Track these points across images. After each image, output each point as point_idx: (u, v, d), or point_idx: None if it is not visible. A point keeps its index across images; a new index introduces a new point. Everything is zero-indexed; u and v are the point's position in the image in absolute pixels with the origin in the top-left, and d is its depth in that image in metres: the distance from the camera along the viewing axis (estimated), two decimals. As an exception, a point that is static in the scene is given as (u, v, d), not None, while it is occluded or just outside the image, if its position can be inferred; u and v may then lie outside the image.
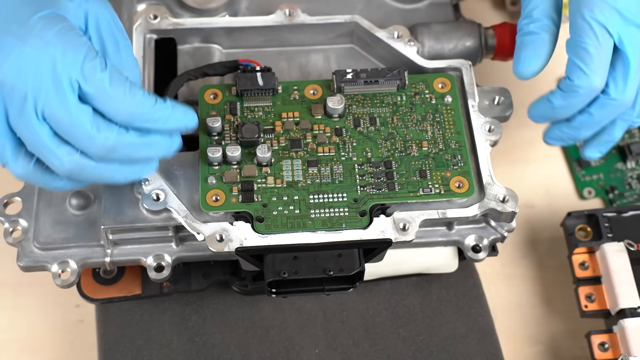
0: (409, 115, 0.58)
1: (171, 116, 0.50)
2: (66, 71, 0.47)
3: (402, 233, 0.54)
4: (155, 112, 0.49)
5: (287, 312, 0.62)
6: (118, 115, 0.49)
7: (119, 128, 0.49)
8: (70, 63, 0.47)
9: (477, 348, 0.61)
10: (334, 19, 0.62)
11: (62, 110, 0.47)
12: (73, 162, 0.49)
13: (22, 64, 0.47)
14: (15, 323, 0.64)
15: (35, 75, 0.47)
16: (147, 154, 0.51)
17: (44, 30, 0.48)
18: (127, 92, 0.48)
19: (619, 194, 0.68)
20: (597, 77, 0.53)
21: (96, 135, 0.48)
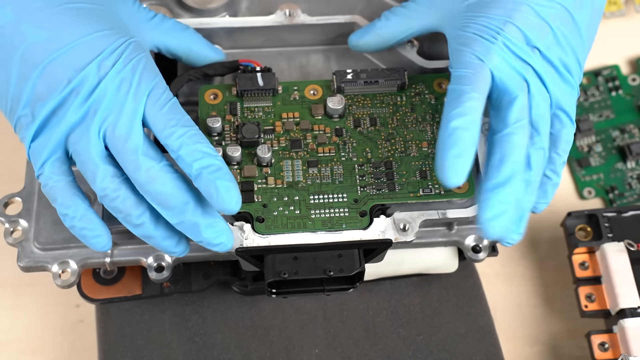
0: (409, 116, 0.58)
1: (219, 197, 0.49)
2: (136, 98, 0.50)
3: (402, 233, 0.54)
4: (201, 153, 0.50)
5: (287, 312, 0.62)
6: (170, 141, 0.50)
7: (165, 164, 0.50)
8: (142, 91, 0.50)
9: (477, 348, 0.61)
10: (334, 19, 0.62)
11: (124, 130, 0.50)
12: (113, 183, 0.50)
13: (103, 89, 0.50)
14: (16, 323, 0.64)
15: (112, 97, 0.50)
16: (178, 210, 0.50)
17: (129, 59, 0.51)
18: (180, 120, 0.50)
19: (619, 194, 0.68)
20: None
21: (143, 160, 0.49)
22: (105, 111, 0.50)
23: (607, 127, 0.70)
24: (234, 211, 0.49)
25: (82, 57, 0.50)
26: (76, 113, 0.50)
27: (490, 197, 0.50)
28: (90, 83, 0.50)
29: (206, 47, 0.59)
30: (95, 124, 0.50)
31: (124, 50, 0.51)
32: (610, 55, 0.73)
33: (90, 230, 0.52)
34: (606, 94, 0.71)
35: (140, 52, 0.52)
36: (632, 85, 0.72)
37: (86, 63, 0.50)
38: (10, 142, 0.66)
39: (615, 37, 0.74)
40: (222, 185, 0.49)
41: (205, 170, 0.49)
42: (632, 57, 0.73)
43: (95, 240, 0.52)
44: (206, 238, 0.50)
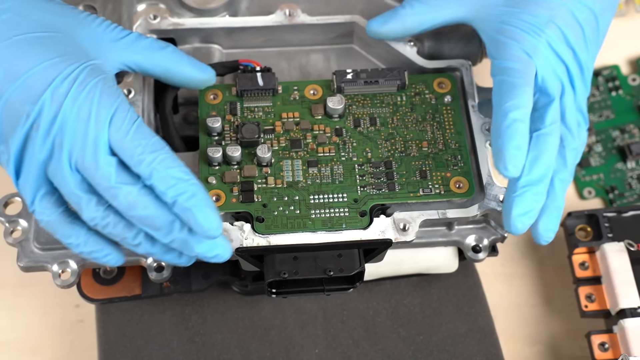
0: (409, 116, 0.58)
1: (196, 197, 0.48)
2: (98, 126, 0.49)
3: (402, 233, 0.54)
4: (174, 179, 0.48)
5: (287, 312, 0.62)
6: (141, 169, 0.48)
7: (142, 187, 0.49)
8: (102, 118, 0.49)
9: (477, 348, 0.61)
10: (334, 19, 0.62)
11: (91, 162, 0.48)
12: (99, 212, 0.49)
13: (62, 119, 0.49)
14: (15, 323, 0.64)
15: (73, 127, 0.49)
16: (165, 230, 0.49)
17: (84, 84, 0.49)
18: (147, 145, 0.49)
19: (619, 194, 0.68)
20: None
21: (118, 188, 0.48)
22: (70, 142, 0.49)
23: (607, 127, 0.70)
24: (216, 236, 0.49)
25: (36, 87, 0.49)
26: (42, 148, 0.49)
27: (523, 194, 0.51)
28: (48, 114, 0.49)
29: (188, 66, 0.56)
30: (64, 157, 0.49)
31: (78, 75, 0.49)
32: (610, 55, 0.73)
33: (98, 251, 0.52)
34: (606, 94, 0.71)
35: (97, 76, 0.50)
36: (632, 85, 0.72)
37: (40, 93, 0.49)
38: (10, 142, 0.66)
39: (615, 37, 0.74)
40: (199, 212, 0.48)
41: (180, 197, 0.48)
42: (632, 57, 0.73)
43: (106, 259, 0.52)
44: (200, 253, 0.50)
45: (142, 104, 0.58)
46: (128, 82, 0.59)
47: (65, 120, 0.49)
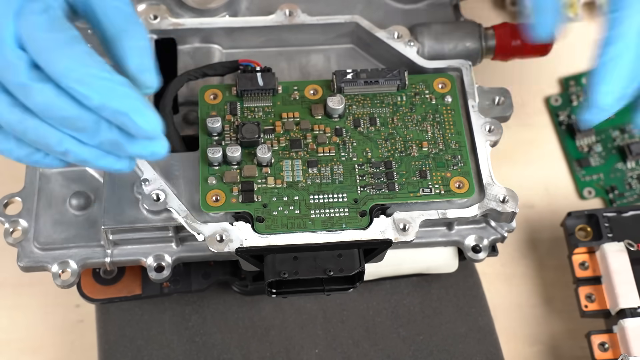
0: (409, 116, 0.58)
1: (120, 94, 0.42)
2: (4, 15, 0.42)
3: (402, 233, 0.54)
4: (97, 79, 0.42)
5: (287, 312, 0.62)
6: (53, 68, 0.42)
7: (57, 87, 0.42)
8: (8, 5, 0.43)
9: (477, 348, 0.61)
10: (334, 19, 0.62)
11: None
12: (13, 114, 0.43)
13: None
14: (16, 323, 0.64)
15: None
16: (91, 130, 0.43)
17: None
18: (64, 43, 0.42)
19: (619, 194, 0.68)
20: None
21: (31, 85, 0.42)
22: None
23: (607, 127, 0.70)
24: (160, 135, 0.44)
25: None
26: None
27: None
28: None
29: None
30: None
31: None
32: (610, 55, 0.73)
33: (32, 154, 0.46)
34: (606, 94, 0.71)
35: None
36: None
37: None
38: (10, 142, 0.66)
39: (615, 37, 0.74)
40: (137, 114, 0.42)
41: (110, 101, 0.42)
42: (632, 57, 0.73)
43: (45, 161, 0.47)
44: (134, 153, 0.45)
45: (142, 104, 0.58)
46: (128, 82, 0.59)
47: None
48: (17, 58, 0.42)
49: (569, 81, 0.72)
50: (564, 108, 0.71)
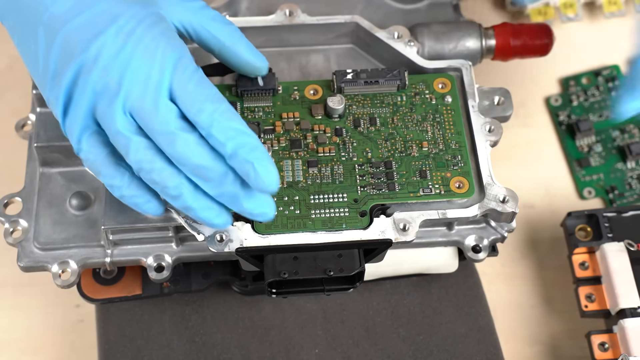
0: (409, 116, 0.58)
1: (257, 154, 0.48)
2: (162, 70, 0.48)
3: (402, 233, 0.54)
4: (236, 131, 0.48)
5: (287, 312, 0.62)
6: (201, 118, 0.48)
7: (200, 136, 0.48)
8: (167, 62, 0.48)
9: (477, 348, 0.61)
10: (334, 19, 0.62)
11: (150, 106, 0.48)
12: (146, 155, 0.48)
13: (124, 58, 0.48)
14: (16, 323, 0.64)
15: (135, 67, 0.48)
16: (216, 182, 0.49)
17: (150, 27, 0.49)
18: (209, 95, 0.48)
19: (619, 194, 0.68)
20: None
21: (177, 134, 0.47)
22: (129, 83, 0.48)
23: (607, 127, 0.70)
24: (274, 191, 0.48)
25: (100, 23, 0.48)
26: (97, 84, 0.48)
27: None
28: (109, 50, 0.48)
29: (246, 49, 0.55)
30: (121, 97, 0.48)
31: (144, 18, 0.49)
32: (610, 55, 0.73)
33: (140, 197, 0.51)
34: (606, 94, 0.71)
35: (164, 22, 0.50)
36: (632, 85, 0.72)
37: (103, 29, 0.48)
38: (10, 142, 0.66)
39: (615, 37, 0.74)
40: (261, 165, 0.47)
41: (241, 149, 0.47)
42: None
43: (147, 206, 0.51)
44: (247, 209, 0.49)
45: (142, 104, 0.58)
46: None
47: (128, 59, 0.48)
48: (168, 110, 0.48)
49: (569, 81, 0.72)
50: (564, 108, 0.71)
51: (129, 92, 0.48)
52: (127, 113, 0.48)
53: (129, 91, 0.48)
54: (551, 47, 0.63)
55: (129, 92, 0.48)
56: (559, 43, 0.62)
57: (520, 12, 0.74)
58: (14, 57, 0.68)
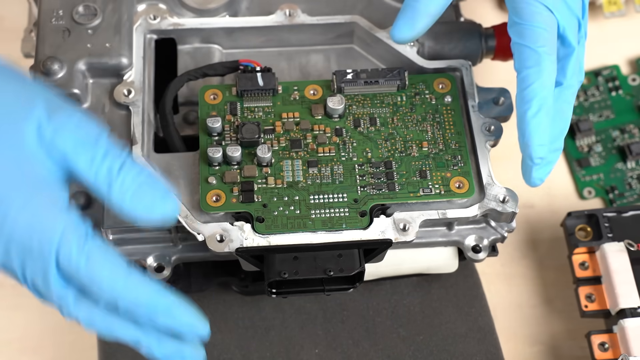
0: (409, 116, 0.58)
1: (171, 311, 0.47)
2: (47, 249, 0.46)
3: (402, 233, 0.54)
4: (151, 301, 0.46)
5: (287, 312, 0.62)
6: (102, 296, 0.46)
7: (104, 312, 0.47)
8: (49, 240, 0.45)
9: (477, 348, 0.61)
10: (334, 19, 0.62)
11: (45, 289, 0.47)
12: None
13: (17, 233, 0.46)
14: (15, 323, 0.64)
15: (24, 249, 0.46)
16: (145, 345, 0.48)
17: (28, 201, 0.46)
18: (110, 272, 0.46)
19: (619, 194, 0.68)
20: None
21: (76, 314, 0.47)
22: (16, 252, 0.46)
23: (607, 127, 0.70)
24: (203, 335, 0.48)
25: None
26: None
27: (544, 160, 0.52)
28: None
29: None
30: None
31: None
32: (610, 55, 0.73)
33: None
34: (606, 94, 0.71)
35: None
36: (632, 85, 0.72)
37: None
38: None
39: (615, 37, 0.74)
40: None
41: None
42: (632, 57, 0.73)
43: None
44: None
45: (142, 104, 0.58)
46: (128, 82, 0.59)
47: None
48: (61, 292, 0.47)
49: (569, 81, 0.72)
50: (564, 108, 0.71)
51: (25, 270, 0.47)
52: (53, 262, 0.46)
53: (24, 269, 0.47)
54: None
55: (24, 270, 0.47)
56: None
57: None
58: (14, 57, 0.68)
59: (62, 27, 0.60)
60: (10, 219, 0.45)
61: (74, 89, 0.58)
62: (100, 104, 0.59)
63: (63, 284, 0.46)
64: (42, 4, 0.60)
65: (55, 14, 0.60)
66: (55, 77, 0.58)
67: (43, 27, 0.60)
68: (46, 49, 0.59)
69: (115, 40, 0.59)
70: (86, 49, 0.59)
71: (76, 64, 0.59)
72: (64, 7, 0.60)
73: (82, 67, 0.59)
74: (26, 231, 0.45)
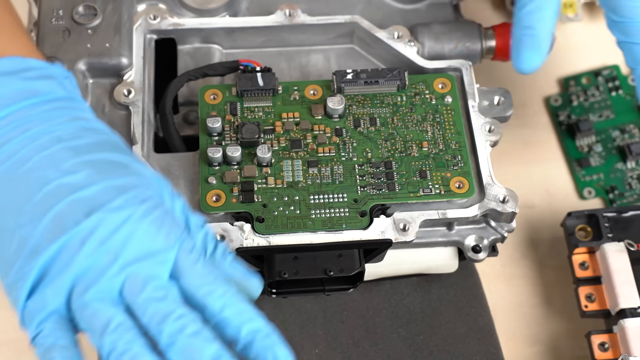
0: (409, 116, 0.58)
1: None
2: (167, 246, 0.45)
3: (402, 233, 0.54)
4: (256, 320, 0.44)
5: (287, 312, 0.62)
6: (207, 303, 0.44)
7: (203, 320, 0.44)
8: (173, 238, 0.45)
9: (477, 348, 0.61)
10: (334, 19, 0.62)
11: (152, 283, 0.44)
12: (127, 336, 0.43)
13: (125, 232, 0.44)
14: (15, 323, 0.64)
15: (134, 246, 0.44)
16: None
17: (156, 206, 0.46)
18: (218, 276, 0.45)
19: (619, 194, 0.68)
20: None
21: (185, 316, 0.43)
22: (127, 256, 0.43)
23: (607, 127, 0.70)
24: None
25: (105, 196, 0.44)
26: (86, 259, 0.43)
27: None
28: (108, 225, 0.44)
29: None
30: (113, 270, 0.43)
31: (151, 197, 0.46)
32: (610, 55, 0.73)
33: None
34: (606, 94, 0.71)
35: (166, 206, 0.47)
36: (632, 85, 0.72)
37: (105, 201, 0.44)
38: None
39: (615, 37, 0.74)
40: (280, 351, 0.44)
41: (258, 335, 0.43)
42: (632, 57, 0.73)
43: None
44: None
45: (142, 104, 0.58)
46: (128, 82, 0.59)
47: (129, 233, 0.44)
48: (173, 289, 0.44)
49: (569, 81, 0.72)
50: (564, 108, 0.71)
51: (125, 265, 0.43)
52: (118, 284, 0.43)
53: (125, 264, 0.43)
54: (551, 47, 0.63)
55: (125, 265, 0.43)
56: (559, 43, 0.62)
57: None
58: (14, 57, 0.68)
59: (62, 27, 0.60)
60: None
61: (74, 89, 0.58)
62: (100, 104, 0.59)
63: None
64: (42, 4, 0.60)
65: (55, 14, 0.60)
66: (55, 77, 0.58)
67: (43, 27, 0.60)
68: (46, 49, 0.59)
69: (115, 40, 0.59)
70: (86, 49, 0.59)
71: (76, 64, 0.59)
72: (64, 7, 0.60)
73: (82, 67, 0.59)
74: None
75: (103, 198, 0.44)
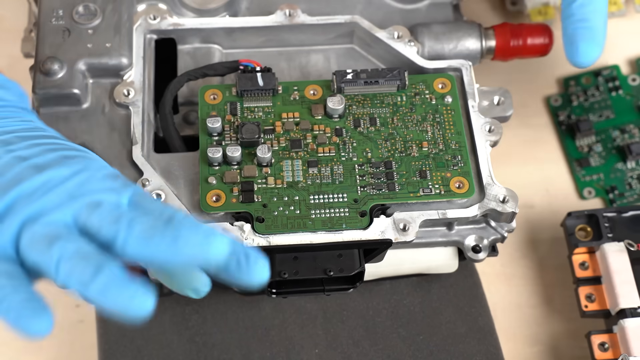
0: (409, 116, 0.58)
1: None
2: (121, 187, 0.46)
3: (402, 233, 0.54)
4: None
5: (287, 312, 0.62)
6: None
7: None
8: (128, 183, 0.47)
9: (477, 348, 0.61)
10: (334, 19, 0.62)
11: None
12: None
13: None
14: (16, 323, 0.64)
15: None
16: None
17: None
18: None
19: (619, 194, 0.68)
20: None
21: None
22: (84, 194, 0.45)
23: (607, 127, 0.70)
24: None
25: (53, 161, 0.46)
26: (39, 199, 0.44)
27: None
28: (62, 173, 0.46)
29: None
30: (67, 202, 0.44)
31: (106, 165, 0.48)
32: (610, 55, 0.73)
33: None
34: (606, 94, 0.71)
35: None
36: (632, 85, 0.72)
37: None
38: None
39: (615, 37, 0.74)
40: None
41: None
42: (632, 57, 0.73)
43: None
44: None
45: (142, 104, 0.58)
46: (128, 82, 0.59)
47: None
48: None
49: (569, 81, 0.72)
50: (564, 108, 0.71)
51: (79, 198, 0.44)
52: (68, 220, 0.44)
53: (78, 199, 0.44)
54: (551, 47, 0.63)
55: (78, 199, 0.44)
56: (559, 43, 0.62)
57: (520, 12, 0.74)
58: (14, 57, 0.68)
59: (62, 27, 0.60)
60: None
61: (74, 89, 0.58)
62: (100, 104, 0.59)
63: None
64: (42, 4, 0.60)
65: (55, 14, 0.60)
66: (55, 77, 0.58)
67: (43, 27, 0.60)
68: (46, 49, 0.59)
69: (115, 40, 0.60)
70: (86, 49, 0.59)
71: (76, 64, 0.59)
72: (64, 7, 0.60)
73: (82, 67, 0.59)
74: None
75: (55, 161, 0.46)
